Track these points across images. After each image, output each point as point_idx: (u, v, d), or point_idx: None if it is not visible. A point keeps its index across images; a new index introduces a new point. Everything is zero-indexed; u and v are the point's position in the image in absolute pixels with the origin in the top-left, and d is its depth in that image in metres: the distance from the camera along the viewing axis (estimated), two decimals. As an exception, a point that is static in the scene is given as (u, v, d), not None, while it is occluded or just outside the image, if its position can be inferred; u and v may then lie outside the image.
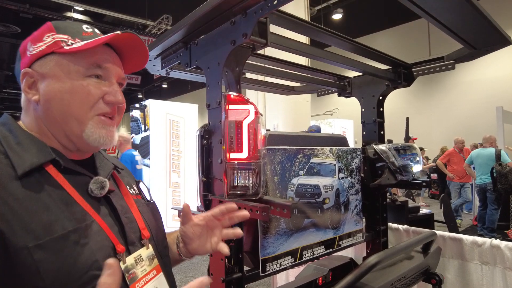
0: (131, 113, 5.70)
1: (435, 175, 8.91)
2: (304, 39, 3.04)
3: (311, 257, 1.44)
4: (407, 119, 4.47)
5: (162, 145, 5.14)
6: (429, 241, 1.58)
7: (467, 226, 6.72)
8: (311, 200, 1.45)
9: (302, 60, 3.20)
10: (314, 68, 1.90)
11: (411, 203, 4.06)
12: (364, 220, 1.79)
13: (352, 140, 8.07)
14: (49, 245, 0.57)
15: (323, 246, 1.49)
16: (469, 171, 6.26)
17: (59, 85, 0.67)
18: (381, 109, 1.95)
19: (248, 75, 2.77)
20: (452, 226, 5.17)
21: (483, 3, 1.16)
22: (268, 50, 1.47)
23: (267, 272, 1.26)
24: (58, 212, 0.61)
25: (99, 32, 0.77)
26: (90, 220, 0.64)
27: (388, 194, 3.25)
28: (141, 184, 0.91)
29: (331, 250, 1.53)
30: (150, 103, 5.22)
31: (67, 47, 0.68)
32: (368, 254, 1.95)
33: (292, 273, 2.29)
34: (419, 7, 1.16)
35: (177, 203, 5.18)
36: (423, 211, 4.40)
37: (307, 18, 5.13)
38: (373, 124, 1.94)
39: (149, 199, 0.88)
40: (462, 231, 6.16)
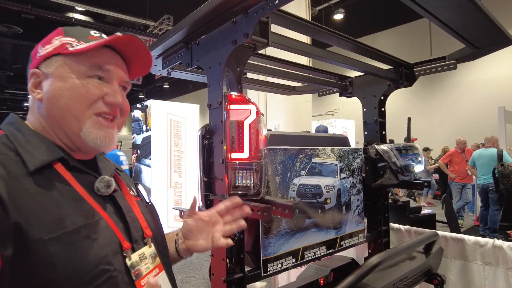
0: (132, 113, 5.71)
1: (437, 175, 8.90)
2: (305, 39, 3.04)
3: (312, 257, 1.43)
4: (409, 119, 4.45)
5: (163, 145, 5.15)
6: (431, 241, 1.58)
7: (469, 227, 6.70)
8: (313, 200, 1.44)
9: (304, 60, 3.20)
10: (316, 68, 1.90)
11: (412, 203, 4.05)
12: (365, 220, 1.78)
13: (353, 140, 8.05)
14: (62, 239, 0.59)
15: (324, 247, 1.49)
16: (473, 172, 6.24)
17: (61, 83, 0.69)
18: (383, 109, 1.95)
19: (249, 75, 2.77)
20: (454, 227, 5.15)
21: (485, 2, 1.15)
22: (269, 50, 1.47)
23: (268, 273, 1.26)
24: (69, 208, 0.63)
25: (106, 37, 0.78)
26: (98, 217, 0.67)
27: (389, 194, 3.25)
28: (139, 187, 0.93)
29: (332, 250, 1.53)
30: (151, 103, 5.22)
31: (71, 49, 0.70)
32: (369, 254, 1.94)
33: (293, 273, 2.28)
34: (421, 6, 1.15)
35: (178, 203, 5.18)
36: (424, 211, 4.39)
37: (308, 18, 5.13)
38: (375, 124, 1.93)
39: (147, 201, 0.90)
40: (464, 232, 6.14)
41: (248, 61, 1.29)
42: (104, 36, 0.77)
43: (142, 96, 19.75)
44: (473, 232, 6.00)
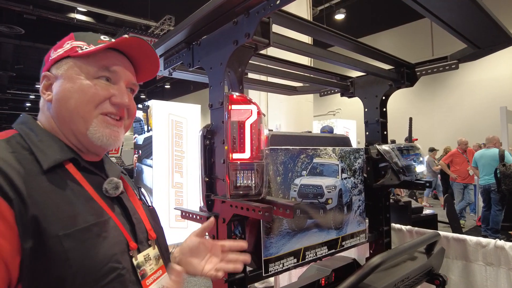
0: (134, 114, 5.69)
1: (438, 175, 8.86)
2: (306, 39, 3.04)
3: (314, 257, 1.43)
4: (410, 119, 4.44)
5: (164, 146, 5.15)
6: (433, 241, 1.57)
7: (471, 227, 6.67)
8: (314, 200, 1.44)
9: (305, 60, 3.19)
10: (317, 68, 1.90)
11: (414, 204, 4.04)
12: (367, 220, 1.78)
13: (355, 141, 8.05)
14: (75, 236, 0.61)
15: (326, 247, 1.49)
16: (475, 172, 6.22)
17: (70, 85, 0.71)
18: (384, 109, 1.95)
19: (251, 75, 2.77)
20: (456, 227, 5.14)
21: (487, 2, 1.15)
22: (271, 50, 1.47)
23: (269, 273, 1.26)
24: (80, 206, 0.65)
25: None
26: (107, 217, 0.69)
27: (391, 195, 3.24)
28: (142, 190, 0.94)
29: (334, 250, 1.53)
30: (153, 103, 5.22)
31: (80, 51, 0.73)
32: (371, 254, 1.94)
33: (295, 273, 2.28)
34: (422, 6, 1.15)
35: (179, 204, 5.18)
36: (426, 211, 4.38)
37: (309, 18, 5.12)
38: (376, 124, 1.93)
39: (149, 204, 0.91)
40: (466, 232, 6.13)
41: (250, 61, 1.29)
42: (113, 40, 0.79)
43: (144, 97, 19.79)
44: (475, 233, 5.98)
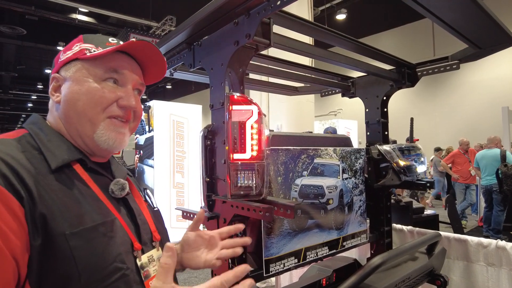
0: (135, 114, 5.69)
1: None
2: (307, 40, 3.04)
3: (314, 258, 1.43)
4: (411, 119, 4.43)
5: (166, 146, 5.16)
6: (434, 242, 1.57)
7: (473, 227, 6.66)
8: (315, 200, 1.44)
9: (306, 60, 3.19)
10: (318, 68, 1.90)
11: (415, 204, 4.03)
12: (368, 221, 1.78)
13: (356, 141, 8.04)
14: (82, 234, 0.62)
15: (326, 247, 1.49)
16: (477, 173, 6.21)
17: (78, 87, 0.72)
18: (385, 110, 1.95)
19: (252, 75, 2.78)
20: (457, 227, 5.13)
21: (488, 2, 1.15)
22: (272, 51, 1.47)
23: (270, 273, 1.26)
24: (87, 206, 0.66)
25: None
26: (113, 217, 0.70)
27: (392, 195, 3.24)
28: (147, 191, 0.95)
29: (335, 251, 1.53)
30: (154, 104, 5.23)
31: (88, 54, 0.74)
32: (372, 255, 1.94)
33: (295, 273, 2.28)
34: (423, 7, 1.15)
35: (181, 204, 5.19)
36: (427, 212, 4.37)
37: (310, 19, 5.13)
38: (377, 125, 1.93)
39: (154, 206, 0.91)
40: (468, 232, 6.11)
41: (250, 61, 1.29)
42: (121, 43, 0.80)
43: (145, 97, 19.81)
44: (477, 233, 5.97)
